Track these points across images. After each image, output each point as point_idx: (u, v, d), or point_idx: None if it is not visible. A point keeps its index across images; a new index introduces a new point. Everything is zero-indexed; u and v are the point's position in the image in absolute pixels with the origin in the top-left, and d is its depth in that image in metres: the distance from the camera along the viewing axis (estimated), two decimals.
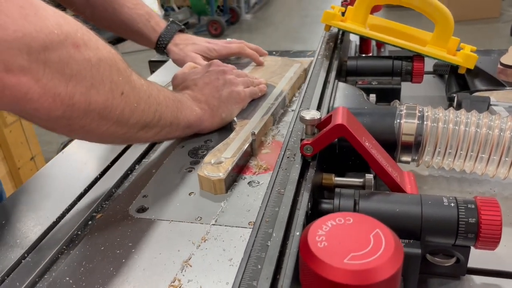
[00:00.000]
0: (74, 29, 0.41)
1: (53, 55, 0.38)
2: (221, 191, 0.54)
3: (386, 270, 0.23)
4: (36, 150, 1.74)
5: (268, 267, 0.31)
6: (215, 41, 0.88)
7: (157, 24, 0.85)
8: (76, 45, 0.40)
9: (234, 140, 0.60)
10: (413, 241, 0.37)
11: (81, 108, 0.42)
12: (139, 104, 0.49)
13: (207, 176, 0.53)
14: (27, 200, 0.56)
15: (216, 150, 0.58)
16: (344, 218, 0.27)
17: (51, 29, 0.38)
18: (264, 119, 0.66)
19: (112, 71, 0.44)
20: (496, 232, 0.36)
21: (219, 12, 4.30)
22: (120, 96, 0.45)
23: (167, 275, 0.43)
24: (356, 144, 0.41)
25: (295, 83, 0.79)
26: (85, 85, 0.41)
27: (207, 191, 0.54)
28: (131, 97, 0.47)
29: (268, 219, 0.35)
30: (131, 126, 0.49)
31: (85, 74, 0.41)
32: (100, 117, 0.45)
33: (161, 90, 0.55)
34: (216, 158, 0.56)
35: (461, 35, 0.70)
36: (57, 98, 0.40)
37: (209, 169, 0.54)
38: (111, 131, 0.47)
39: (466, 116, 0.48)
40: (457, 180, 0.54)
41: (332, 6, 0.76)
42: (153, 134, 0.54)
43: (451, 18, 0.65)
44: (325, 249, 0.24)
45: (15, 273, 0.44)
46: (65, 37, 0.39)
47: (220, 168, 0.54)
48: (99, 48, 0.43)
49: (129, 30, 0.85)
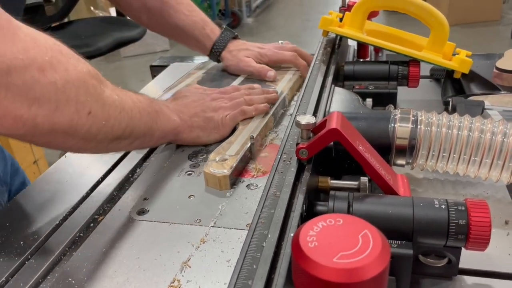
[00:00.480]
0: (43, 52, 0.41)
1: (16, 79, 0.38)
2: (226, 186, 0.56)
3: (373, 269, 0.24)
4: (39, 154, 1.75)
5: (263, 267, 0.32)
6: (267, 46, 0.89)
7: (212, 31, 0.86)
8: (42, 69, 0.40)
9: (237, 138, 0.63)
10: (405, 242, 0.38)
11: (44, 128, 0.43)
12: (108, 121, 0.49)
13: (213, 173, 0.56)
14: (30, 203, 0.57)
15: (220, 148, 0.61)
16: (335, 220, 0.28)
17: (16, 55, 0.38)
18: (265, 119, 0.68)
19: (79, 92, 0.44)
20: (486, 233, 0.37)
21: (220, 16, 4.32)
22: (86, 115, 0.46)
23: (167, 275, 0.44)
24: (350, 148, 0.42)
25: (294, 84, 0.81)
26: (48, 108, 0.42)
27: (212, 187, 0.56)
28: (99, 115, 0.47)
29: (264, 221, 0.36)
30: (99, 141, 0.49)
31: (49, 97, 0.41)
32: (65, 135, 0.45)
33: (137, 102, 0.54)
34: (221, 155, 0.59)
35: (462, 38, 0.71)
36: (19, 120, 0.40)
37: (214, 166, 0.57)
38: (79, 146, 0.48)
39: (459, 120, 0.49)
40: (451, 182, 0.55)
41: (330, 12, 0.77)
42: (125, 145, 0.54)
43: (446, 23, 0.67)
44: (315, 248, 0.26)
45: (19, 274, 0.46)
46: (31, 61, 0.39)
47: (225, 165, 0.57)
48: (68, 70, 0.43)
49: (185, 36, 0.86)
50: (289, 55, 0.86)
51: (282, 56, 0.86)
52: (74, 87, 0.44)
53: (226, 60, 0.87)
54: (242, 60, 0.85)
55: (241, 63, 0.85)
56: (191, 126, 0.64)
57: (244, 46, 0.87)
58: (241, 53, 0.86)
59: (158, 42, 3.74)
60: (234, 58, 0.86)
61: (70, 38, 1.77)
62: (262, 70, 0.83)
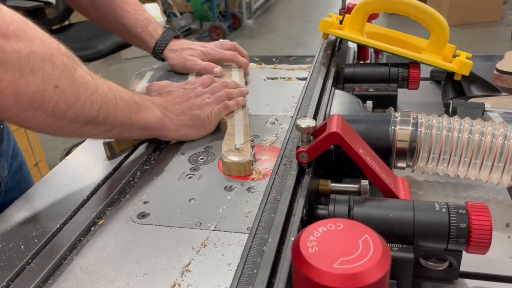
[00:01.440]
0: (8, 21, 0.43)
1: None
2: (249, 171, 0.59)
3: (374, 274, 0.24)
4: (40, 157, 1.76)
5: (263, 271, 0.32)
6: (209, 45, 0.92)
7: (154, 30, 0.88)
8: (6, 36, 0.42)
9: (234, 129, 0.67)
10: (406, 245, 0.38)
11: (9, 96, 0.44)
12: (78, 99, 0.49)
13: (237, 161, 0.58)
14: (31, 206, 0.57)
15: (226, 141, 0.63)
16: (335, 224, 0.28)
17: None
18: (245, 109, 0.73)
19: (45, 64, 0.45)
20: (486, 236, 0.37)
21: (221, 18, 4.32)
22: (54, 88, 0.46)
23: (167, 279, 0.44)
24: (350, 151, 0.42)
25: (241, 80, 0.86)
26: (13, 74, 0.43)
27: (236, 175, 0.59)
28: (68, 91, 0.48)
29: (264, 225, 0.36)
30: (70, 120, 0.50)
31: (14, 64, 0.43)
32: (32, 107, 0.46)
33: (114, 90, 0.55)
34: (232, 145, 0.62)
35: (463, 38, 0.71)
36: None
37: (234, 154, 0.60)
38: (48, 122, 0.48)
39: (459, 122, 0.49)
40: (451, 185, 0.54)
41: (330, 14, 0.77)
42: (103, 131, 0.55)
43: (447, 26, 0.67)
44: (316, 254, 0.26)
45: (20, 279, 0.46)
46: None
47: (243, 152, 0.60)
48: (33, 41, 0.45)
49: (130, 34, 0.88)
50: (230, 53, 0.90)
51: (223, 55, 0.90)
52: (40, 58, 0.45)
53: (171, 60, 0.89)
54: (187, 59, 0.88)
55: (187, 62, 0.87)
56: (178, 125, 0.65)
57: (187, 46, 0.90)
58: (185, 52, 0.89)
59: None
60: (179, 57, 0.88)
61: (71, 41, 1.77)
62: (208, 67, 0.86)
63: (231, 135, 0.65)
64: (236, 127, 0.67)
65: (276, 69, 0.96)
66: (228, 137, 0.65)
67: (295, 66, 0.96)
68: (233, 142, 0.63)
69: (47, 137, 0.47)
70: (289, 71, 0.94)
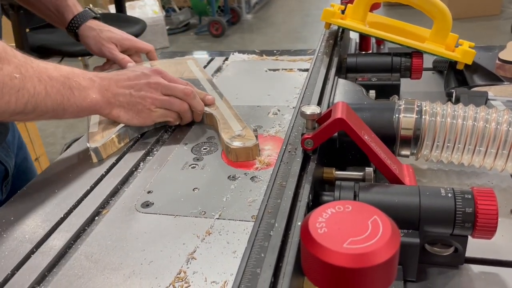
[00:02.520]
0: None
1: None
2: (256, 155, 0.61)
3: (383, 254, 0.24)
4: (40, 151, 1.75)
5: (271, 255, 0.32)
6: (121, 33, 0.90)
7: (74, 5, 0.86)
8: None
9: (226, 117, 0.68)
10: (412, 231, 0.38)
11: None
12: (2, 98, 0.51)
13: (245, 146, 0.60)
14: (34, 197, 0.57)
15: (224, 129, 0.64)
16: (344, 206, 0.28)
17: None
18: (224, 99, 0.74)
19: None
20: (492, 221, 0.37)
21: (220, 13, 4.31)
22: None
23: (173, 267, 0.44)
24: (356, 137, 0.42)
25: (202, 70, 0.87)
26: None
27: (244, 160, 0.60)
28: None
29: (270, 210, 0.36)
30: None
31: None
32: None
33: (46, 80, 0.55)
34: (232, 133, 0.63)
35: (462, 32, 0.71)
36: None
37: (240, 140, 0.61)
38: None
39: (464, 110, 0.49)
40: (455, 173, 0.54)
41: (332, 4, 0.77)
42: (33, 117, 0.56)
43: (449, 14, 0.66)
44: (325, 234, 0.26)
45: (24, 268, 0.45)
46: None
47: (247, 137, 0.62)
48: None
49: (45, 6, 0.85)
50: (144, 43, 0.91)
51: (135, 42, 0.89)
52: None
53: (86, 38, 0.86)
54: (104, 44, 0.86)
55: (104, 48, 0.85)
56: (112, 104, 0.64)
57: (107, 28, 0.88)
58: (104, 34, 0.86)
59: (157, 39, 3.74)
60: (96, 37, 0.86)
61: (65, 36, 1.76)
62: (123, 61, 0.85)
63: (226, 123, 0.66)
64: (226, 116, 0.68)
65: (278, 61, 0.96)
66: (223, 126, 0.65)
67: (296, 57, 0.96)
68: (231, 130, 0.64)
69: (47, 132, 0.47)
70: (291, 62, 0.94)
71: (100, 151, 0.64)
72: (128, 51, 0.89)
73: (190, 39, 4.13)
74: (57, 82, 0.57)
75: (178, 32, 4.25)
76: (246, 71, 0.93)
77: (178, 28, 4.28)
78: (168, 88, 0.68)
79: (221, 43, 3.94)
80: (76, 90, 0.59)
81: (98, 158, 0.64)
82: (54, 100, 0.57)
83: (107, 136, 0.65)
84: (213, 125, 0.70)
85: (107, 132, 0.66)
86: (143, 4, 3.71)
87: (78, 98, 0.59)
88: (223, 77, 0.92)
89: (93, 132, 0.67)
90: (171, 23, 4.20)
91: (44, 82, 0.55)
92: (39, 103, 0.55)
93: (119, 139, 0.66)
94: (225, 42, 3.94)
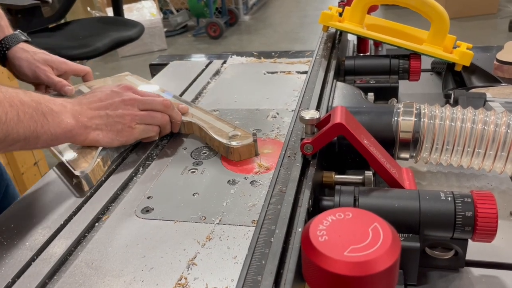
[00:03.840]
0: None
1: None
2: (255, 153, 0.62)
3: (384, 261, 0.24)
4: (39, 156, 1.75)
5: (272, 262, 0.32)
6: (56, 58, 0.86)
7: (6, 26, 0.82)
8: None
9: (214, 123, 0.67)
10: (412, 235, 0.38)
11: None
12: None
13: (246, 143, 0.61)
14: (34, 203, 0.57)
15: (216, 133, 0.65)
16: (344, 213, 0.28)
17: None
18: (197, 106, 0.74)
19: None
20: (492, 224, 0.37)
21: (217, 14, 4.31)
22: None
23: (174, 273, 0.44)
24: (355, 142, 0.42)
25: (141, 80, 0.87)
26: None
27: (247, 157, 0.62)
28: None
29: (271, 217, 0.36)
30: None
31: None
32: None
33: (17, 105, 0.52)
34: (227, 134, 0.64)
35: (460, 31, 0.71)
36: None
37: (239, 139, 0.62)
38: None
39: (462, 112, 0.49)
40: (455, 175, 0.55)
41: (330, 7, 0.77)
42: (5, 146, 0.52)
43: (447, 16, 0.67)
44: (326, 242, 0.26)
45: (25, 275, 0.45)
46: None
47: (243, 135, 0.63)
48: None
49: None
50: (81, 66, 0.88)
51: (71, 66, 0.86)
52: None
53: (18, 60, 0.81)
54: (38, 66, 0.81)
55: (38, 70, 0.81)
56: (89, 128, 0.60)
57: (40, 51, 0.84)
58: (38, 56, 0.82)
59: (155, 41, 3.74)
60: (30, 60, 0.81)
61: (68, 39, 1.77)
62: (60, 84, 0.81)
63: (213, 127, 0.66)
64: (209, 121, 0.68)
65: (276, 63, 0.96)
66: (213, 131, 0.65)
67: (294, 60, 0.96)
68: (223, 131, 0.65)
69: None
70: (289, 65, 0.94)
71: (90, 177, 0.59)
72: (65, 75, 0.85)
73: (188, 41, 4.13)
74: (29, 108, 0.53)
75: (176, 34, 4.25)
76: (245, 74, 0.93)
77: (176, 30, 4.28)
78: (145, 102, 0.65)
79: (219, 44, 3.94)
80: (49, 115, 0.56)
81: (89, 186, 0.59)
82: (27, 127, 0.52)
83: (91, 161, 0.60)
84: (194, 132, 0.69)
85: (89, 157, 0.61)
86: (140, 6, 3.71)
87: (52, 124, 0.56)
88: (221, 80, 0.92)
89: (73, 160, 0.61)
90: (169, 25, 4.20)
91: (16, 108, 0.52)
92: (10, 130, 0.50)
93: (103, 162, 0.62)
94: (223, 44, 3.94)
